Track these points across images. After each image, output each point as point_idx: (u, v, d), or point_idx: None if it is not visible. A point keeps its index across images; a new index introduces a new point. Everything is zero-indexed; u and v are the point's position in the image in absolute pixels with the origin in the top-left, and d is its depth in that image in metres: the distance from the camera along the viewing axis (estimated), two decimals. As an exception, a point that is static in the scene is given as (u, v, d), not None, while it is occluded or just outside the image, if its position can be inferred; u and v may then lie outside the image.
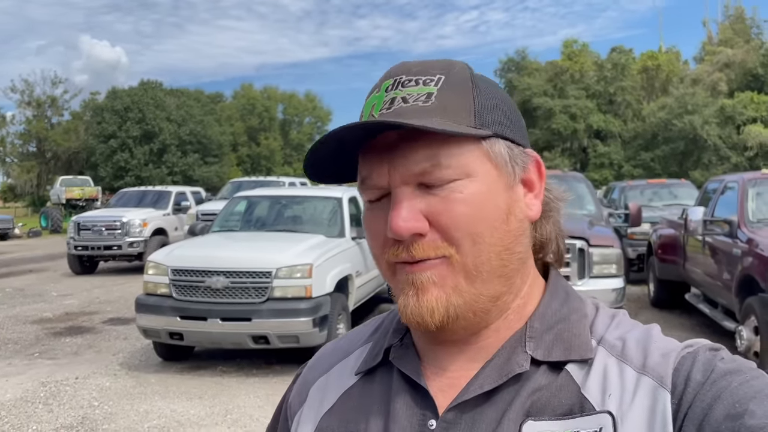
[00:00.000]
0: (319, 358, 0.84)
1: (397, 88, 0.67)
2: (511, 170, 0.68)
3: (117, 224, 13.16)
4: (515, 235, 0.67)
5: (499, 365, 0.66)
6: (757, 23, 38.80)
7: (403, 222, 0.63)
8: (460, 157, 0.64)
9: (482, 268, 0.65)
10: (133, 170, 39.57)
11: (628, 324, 0.69)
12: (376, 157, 0.66)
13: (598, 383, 0.63)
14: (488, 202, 0.65)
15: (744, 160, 30.20)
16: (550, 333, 0.67)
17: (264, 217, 7.61)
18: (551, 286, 0.72)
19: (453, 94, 0.66)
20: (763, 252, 5.36)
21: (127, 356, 6.81)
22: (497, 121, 0.68)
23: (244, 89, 52.53)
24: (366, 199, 0.69)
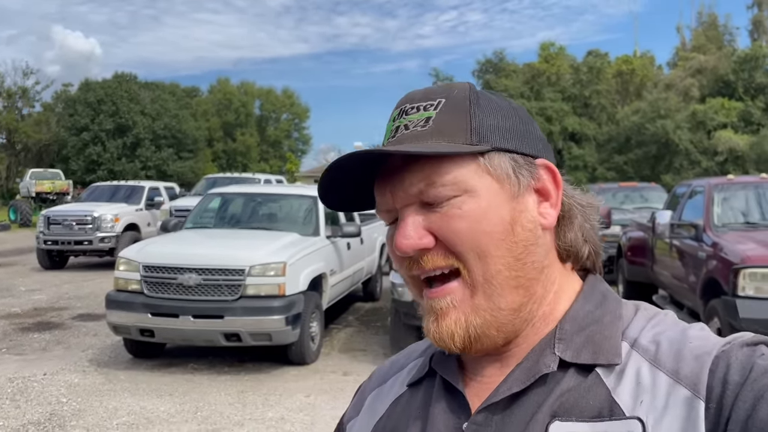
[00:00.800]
0: (377, 372, 0.88)
1: (401, 117, 0.71)
2: (516, 181, 0.69)
3: (88, 219, 12.98)
4: (525, 245, 0.68)
5: (528, 367, 0.67)
6: (730, 30, 39.57)
7: (405, 239, 0.67)
8: (456, 174, 0.66)
9: (493, 280, 0.66)
10: (105, 164, 39.01)
11: (665, 324, 0.68)
12: (382, 183, 0.70)
13: (630, 388, 0.62)
14: (489, 215, 0.66)
15: (714, 165, 30.75)
16: (581, 335, 0.67)
17: (238, 215, 7.59)
18: (586, 290, 0.72)
19: (449, 115, 0.69)
20: (727, 256, 5.49)
21: (96, 352, 6.74)
22: (499, 134, 0.69)
23: (221, 84, 52.05)
24: (385, 223, 0.73)
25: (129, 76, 42.89)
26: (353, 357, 6.64)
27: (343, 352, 6.82)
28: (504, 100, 0.74)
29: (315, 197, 7.39)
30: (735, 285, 5.12)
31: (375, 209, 0.73)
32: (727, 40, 38.78)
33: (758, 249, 5.29)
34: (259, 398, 5.34)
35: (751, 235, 5.82)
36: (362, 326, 8.10)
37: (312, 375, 6.01)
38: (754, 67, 32.82)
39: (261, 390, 5.55)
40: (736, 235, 5.89)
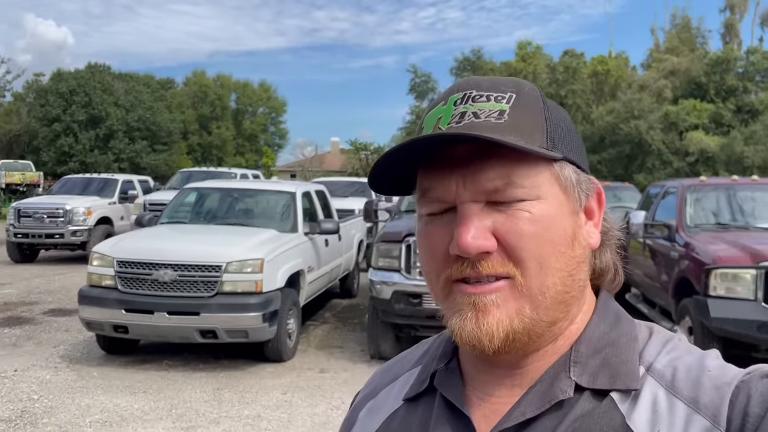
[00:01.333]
0: (369, 382, 0.84)
1: (467, 103, 0.65)
2: (578, 196, 0.67)
3: (60, 212, 12.75)
4: (578, 261, 0.66)
5: (542, 392, 0.64)
6: (702, 33, 40.23)
7: (473, 239, 0.62)
8: (533, 177, 0.63)
9: (548, 293, 0.63)
10: (77, 156, 38.28)
11: (681, 349, 0.66)
12: (445, 170, 0.64)
13: (646, 416, 0.60)
14: (556, 225, 0.64)
15: (685, 166, 31.28)
16: (597, 357, 0.65)
17: (215, 210, 7.52)
18: (600, 308, 0.70)
19: (525, 114, 0.65)
20: (699, 256, 5.60)
21: (68, 349, 6.63)
22: (566, 144, 0.67)
23: (197, 76, 51.39)
24: (426, 212, 0.67)
25: (102, 66, 42.12)
26: (330, 354, 6.63)
27: (320, 349, 6.81)
28: (564, 111, 0.71)
29: (293, 193, 7.37)
30: (707, 285, 5.22)
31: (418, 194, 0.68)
32: (700, 43, 39.45)
33: (729, 250, 5.40)
34: (235, 396, 5.31)
35: (722, 236, 5.94)
36: (339, 323, 8.09)
37: (288, 372, 5.99)
38: (726, 69, 33.43)
39: (237, 387, 5.52)
40: (708, 236, 6.01)
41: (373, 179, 0.68)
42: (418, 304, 5.83)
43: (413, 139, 0.63)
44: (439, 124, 0.65)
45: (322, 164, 52.22)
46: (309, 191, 7.95)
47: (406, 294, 5.86)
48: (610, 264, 0.73)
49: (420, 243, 0.69)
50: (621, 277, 0.74)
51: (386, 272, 6.03)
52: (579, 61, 39.24)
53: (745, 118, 32.59)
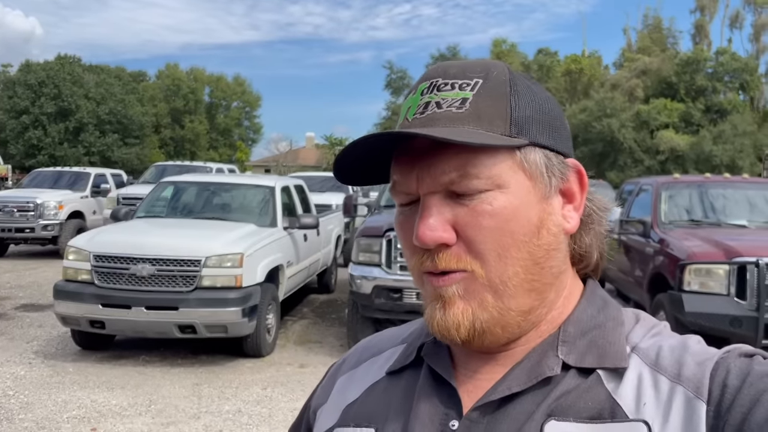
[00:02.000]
0: (352, 353, 0.84)
1: (432, 92, 0.65)
2: (548, 180, 0.65)
3: (30, 206, 12.49)
4: (546, 249, 0.65)
5: (529, 368, 0.65)
6: (673, 33, 40.94)
7: (429, 231, 0.62)
8: (491, 167, 0.62)
9: (508, 282, 0.63)
10: (46, 149, 37.56)
11: (665, 334, 0.67)
12: (407, 163, 0.65)
13: (631, 390, 0.61)
14: (518, 215, 0.63)
15: (656, 164, 31.85)
16: (584, 339, 0.66)
17: (192, 204, 7.44)
18: (588, 294, 0.70)
19: (489, 100, 0.64)
20: (674, 252, 5.72)
21: (42, 344, 6.52)
22: (536, 128, 0.65)
23: (169, 69, 50.74)
24: (398, 203, 0.68)
25: (72, 58, 41.37)
26: (309, 349, 6.62)
27: (299, 345, 6.80)
28: (539, 87, 0.69)
29: (272, 187, 7.33)
30: (681, 280, 5.33)
31: (389, 185, 0.68)
32: (671, 43, 40.13)
33: (703, 246, 5.52)
34: (215, 391, 5.28)
35: (695, 232, 6.07)
36: (318, 318, 8.08)
37: (268, 367, 5.97)
38: (696, 70, 34.07)
39: (216, 383, 5.48)
40: (682, 232, 6.14)
41: (339, 171, 0.68)
42: (399, 298, 5.86)
43: (367, 137, 0.63)
44: (407, 115, 0.66)
45: (297, 159, 51.99)
46: (288, 186, 7.92)
47: (387, 288, 5.88)
48: (591, 248, 0.71)
49: (397, 234, 0.70)
50: (603, 263, 0.74)
51: (366, 267, 6.04)
52: (553, 60, 39.68)
53: (714, 117, 33.27)
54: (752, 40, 40.05)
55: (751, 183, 7.20)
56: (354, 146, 0.64)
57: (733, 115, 32.41)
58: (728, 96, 34.57)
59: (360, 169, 0.69)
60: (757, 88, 36.43)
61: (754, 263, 5.00)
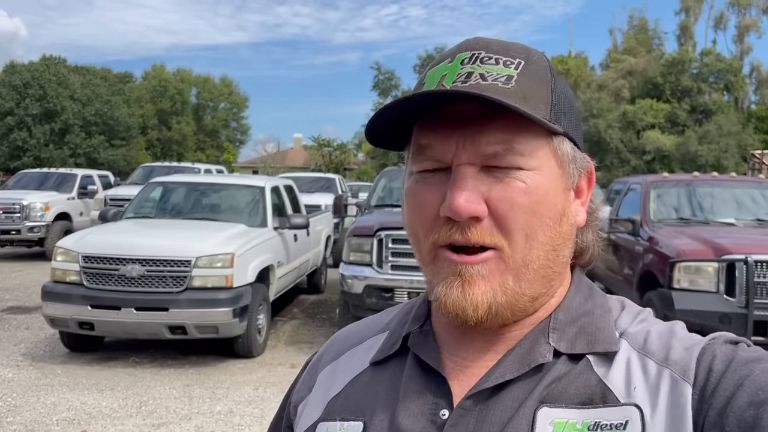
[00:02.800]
0: (330, 344, 0.82)
1: (474, 63, 0.63)
2: (572, 173, 0.67)
3: (16, 207, 12.37)
4: (564, 238, 0.66)
5: (521, 355, 0.65)
6: (659, 34, 41.34)
7: (466, 202, 0.61)
8: (533, 147, 0.63)
9: (531, 266, 0.64)
10: (31, 150, 37.12)
11: (651, 320, 0.69)
12: (445, 130, 0.63)
13: (621, 375, 0.62)
14: (548, 199, 0.63)
15: (642, 164, 32.12)
16: (574, 326, 0.67)
17: (182, 205, 7.39)
18: (576, 282, 0.71)
19: (533, 82, 0.63)
20: (663, 250, 5.76)
21: (30, 346, 6.45)
22: (568, 119, 0.66)
23: (156, 70, 50.38)
24: (418, 169, 0.66)
25: (57, 59, 40.95)
26: (300, 349, 6.60)
27: (290, 345, 6.78)
28: (569, 86, 0.70)
29: (262, 188, 7.30)
30: (671, 278, 5.37)
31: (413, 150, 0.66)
32: (656, 44, 40.50)
33: (692, 243, 5.57)
34: (206, 392, 5.24)
35: (684, 230, 6.12)
36: (308, 318, 8.05)
37: (259, 368, 5.94)
38: (681, 70, 34.40)
39: (207, 383, 5.45)
40: (671, 230, 6.18)
41: (371, 131, 0.66)
42: (390, 298, 5.85)
43: (419, 93, 0.61)
44: (443, 81, 0.63)
45: (285, 160, 51.88)
46: (278, 186, 7.90)
47: (378, 288, 5.88)
48: (591, 243, 0.74)
49: (408, 201, 0.67)
50: (596, 257, 0.75)
51: (358, 266, 6.03)
52: (540, 61, 39.81)
53: (699, 118, 33.60)
54: (736, 41, 40.52)
55: (739, 181, 7.26)
56: (398, 103, 0.62)
57: (717, 116, 32.75)
58: (713, 96, 34.94)
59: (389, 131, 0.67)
60: (741, 89, 36.86)
61: (742, 260, 5.05)
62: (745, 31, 39.99)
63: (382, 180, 8.05)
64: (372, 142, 0.69)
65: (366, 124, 0.65)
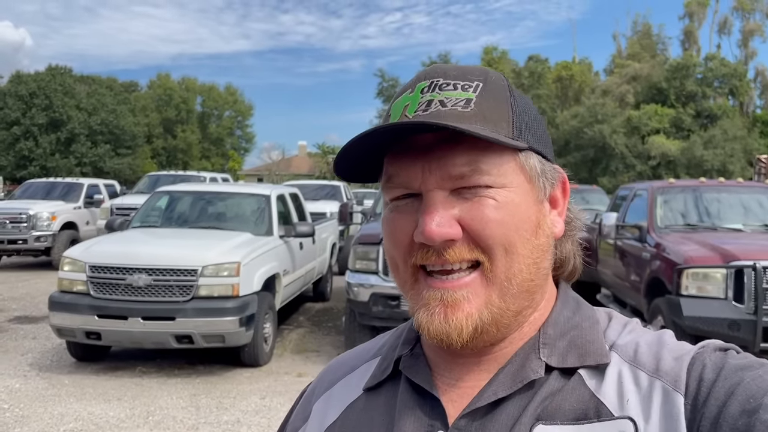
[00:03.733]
0: (324, 373, 0.82)
1: (433, 91, 0.65)
2: (542, 185, 0.67)
3: (23, 217, 12.41)
4: (542, 250, 0.67)
5: (513, 372, 0.65)
6: (663, 39, 41.32)
7: (437, 227, 0.61)
8: (499, 166, 0.64)
9: (514, 280, 0.64)
10: (37, 160, 37.34)
11: (639, 330, 0.69)
12: (409, 158, 0.64)
13: (613, 388, 0.62)
14: (520, 211, 0.64)
15: (648, 169, 32.03)
16: (564, 339, 0.67)
17: (188, 214, 7.40)
18: (562, 296, 0.72)
19: (492, 103, 0.65)
20: (670, 257, 5.73)
21: (37, 356, 6.46)
22: (532, 134, 0.67)
23: (161, 79, 50.65)
24: (389, 197, 0.67)
25: (63, 69, 41.22)
26: (307, 358, 6.59)
27: (296, 353, 6.76)
28: (530, 100, 0.71)
29: (268, 196, 7.31)
30: (678, 284, 5.34)
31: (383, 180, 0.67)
32: (660, 49, 40.46)
33: (700, 250, 5.54)
34: (213, 401, 5.23)
35: (691, 237, 6.09)
36: (314, 327, 8.04)
37: (266, 377, 5.93)
38: (685, 75, 34.35)
39: (214, 393, 5.44)
40: (678, 237, 6.15)
41: (339, 166, 0.68)
42: (396, 306, 5.84)
43: (378, 127, 0.62)
44: (405, 112, 0.65)
45: (289, 168, 51.96)
46: (283, 194, 7.90)
47: (384, 296, 5.87)
48: (570, 254, 0.74)
49: (384, 230, 0.68)
50: (579, 268, 0.75)
51: (363, 274, 6.02)
52: (543, 67, 39.89)
53: (704, 122, 33.53)
54: (741, 45, 40.45)
55: (746, 187, 7.23)
56: (361, 139, 0.63)
57: (723, 120, 32.67)
58: (718, 101, 34.86)
59: (361, 165, 0.69)
60: (746, 93, 36.78)
61: (751, 267, 5.02)
62: (750, 36, 39.93)
63: (387, 187, 8.03)
64: (342, 177, 0.70)
65: (334, 159, 0.67)
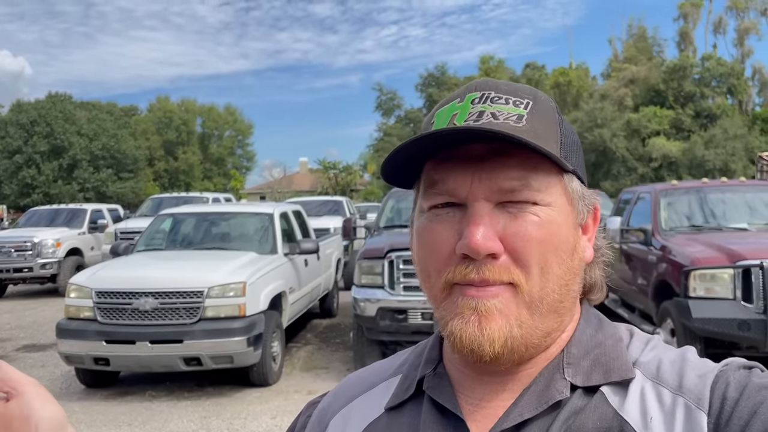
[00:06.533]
0: (341, 388, 0.81)
1: (485, 102, 0.65)
2: (581, 209, 0.68)
3: (28, 245, 12.45)
4: (574, 272, 0.67)
5: (538, 393, 0.65)
6: (658, 42, 41.41)
7: (483, 239, 0.61)
8: (547, 184, 0.64)
9: (545, 300, 0.64)
10: (40, 187, 37.48)
11: (662, 347, 0.68)
12: (460, 166, 0.64)
13: (636, 406, 0.62)
14: (561, 232, 0.64)
15: (649, 171, 32.01)
16: (587, 359, 0.66)
17: (192, 235, 7.41)
18: (584, 314, 0.71)
19: (542, 122, 0.65)
20: (677, 259, 5.71)
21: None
22: (575, 158, 0.68)
23: (160, 102, 50.91)
24: (429, 204, 0.66)
25: (63, 95, 41.47)
26: (316, 375, 6.56)
27: (305, 371, 6.74)
28: (572, 126, 0.72)
29: (271, 214, 7.32)
30: (686, 287, 5.31)
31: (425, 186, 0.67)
32: (656, 51, 40.55)
33: (706, 251, 5.51)
34: (224, 423, 5.21)
35: (697, 238, 6.07)
36: (322, 343, 8.02)
37: (275, 396, 5.91)
38: (683, 76, 34.41)
39: (224, 414, 5.42)
40: (684, 239, 6.13)
41: (385, 169, 0.67)
42: (404, 319, 5.82)
43: (441, 130, 0.62)
44: (454, 120, 0.65)
45: (291, 185, 52.05)
46: (286, 211, 7.91)
47: (391, 310, 5.85)
48: (598, 280, 0.74)
49: (420, 239, 0.67)
50: (603, 294, 0.75)
51: (370, 289, 6.01)
52: (541, 73, 40.01)
53: (704, 122, 33.53)
54: (736, 44, 40.55)
55: (749, 186, 7.22)
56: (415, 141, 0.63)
57: (722, 119, 32.68)
58: (716, 101, 34.89)
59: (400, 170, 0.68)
60: (744, 92, 36.81)
61: (758, 266, 4.99)
62: (745, 34, 40.02)
63: (390, 201, 8.05)
64: (388, 180, 0.70)
65: (382, 163, 0.66)
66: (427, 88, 40.56)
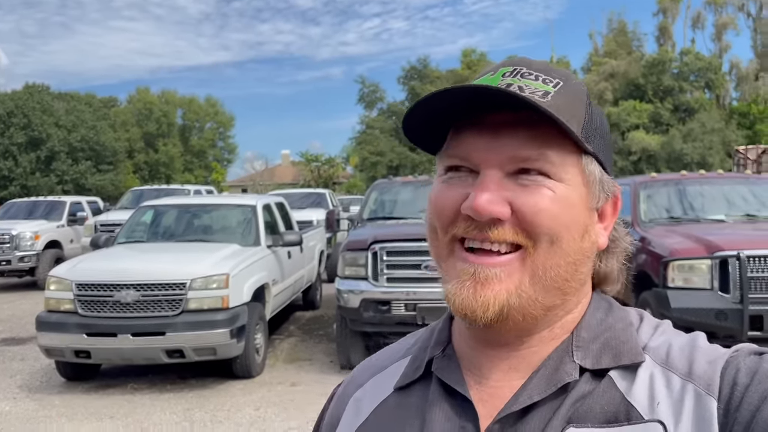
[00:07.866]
0: (357, 371, 0.83)
1: (515, 76, 0.66)
2: (597, 194, 0.68)
3: (5, 237, 12.29)
4: (584, 254, 0.67)
5: (547, 375, 0.65)
6: (638, 36, 41.69)
7: (488, 202, 0.62)
8: (563, 160, 0.64)
9: (549, 272, 0.64)
10: (18, 179, 36.89)
11: (671, 332, 0.69)
12: (477, 132, 0.65)
13: (644, 390, 0.62)
14: (573, 211, 0.65)
15: (629, 164, 32.33)
16: (597, 342, 0.67)
17: (174, 227, 7.36)
18: (595, 299, 0.72)
19: (568, 101, 0.65)
20: (656, 250, 5.79)
21: (26, 378, 6.38)
22: (598, 143, 0.68)
23: (140, 93, 50.29)
24: (444, 165, 0.68)
25: (41, 86, 40.82)
26: (299, 367, 6.57)
27: (289, 363, 6.74)
28: (604, 115, 0.72)
29: (254, 206, 7.29)
30: (665, 277, 5.40)
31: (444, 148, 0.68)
32: (636, 46, 40.82)
33: (684, 242, 5.60)
34: (207, 415, 5.20)
35: (675, 229, 6.15)
36: (305, 335, 8.02)
37: (259, 388, 5.91)
38: (662, 70, 34.73)
39: (208, 406, 5.41)
40: (663, 230, 6.21)
41: (407, 123, 0.67)
42: (387, 311, 5.84)
43: (461, 86, 0.62)
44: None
45: (273, 177, 51.79)
46: (269, 203, 7.89)
47: (375, 301, 5.87)
48: (615, 272, 0.74)
49: (431, 199, 0.69)
50: (619, 286, 0.75)
51: (353, 281, 6.02)
52: (523, 67, 40.05)
53: (683, 116, 33.91)
54: (714, 39, 40.97)
55: (726, 178, 7.33)
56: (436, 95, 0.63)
57: (700, 114, 33.06)
58: (695, 95, 35.28)
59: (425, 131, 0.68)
60: (722, 86, 37.24)
61: (735, 256, 5.08)
62: (723, 29, 40.48)
63: (373, 193, 8.06)
64: (411, 137, 0.70)
65: (403, 116, 0.66)
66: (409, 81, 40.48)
